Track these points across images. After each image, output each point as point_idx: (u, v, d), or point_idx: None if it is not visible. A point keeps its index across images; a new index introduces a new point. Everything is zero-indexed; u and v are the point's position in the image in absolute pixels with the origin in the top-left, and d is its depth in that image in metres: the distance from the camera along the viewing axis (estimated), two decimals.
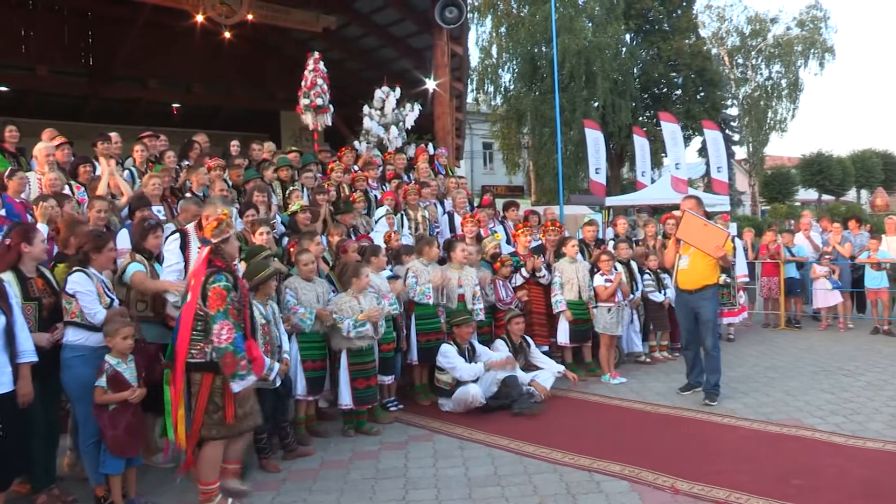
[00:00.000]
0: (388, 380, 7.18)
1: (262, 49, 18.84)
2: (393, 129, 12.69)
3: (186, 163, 9.38)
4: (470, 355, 7.38)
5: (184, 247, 5.30)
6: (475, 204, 11.26)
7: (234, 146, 10.47)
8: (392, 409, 7.25)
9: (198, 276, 4.64)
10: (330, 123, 12.45)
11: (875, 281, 11.09)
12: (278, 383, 5.39)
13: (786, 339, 10.87)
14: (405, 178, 11.18)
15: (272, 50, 18.92)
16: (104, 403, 4.68)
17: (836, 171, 46.05)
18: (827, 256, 11.63)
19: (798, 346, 10.22)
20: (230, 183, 8.66)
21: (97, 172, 7.89)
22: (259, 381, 4.86)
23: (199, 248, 5.15)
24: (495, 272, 8.41)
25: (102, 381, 4.68)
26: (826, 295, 11.56)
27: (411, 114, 13.09)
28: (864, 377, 8.18)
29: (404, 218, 9.49)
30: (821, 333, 11.34)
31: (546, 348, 8.44)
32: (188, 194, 7.86)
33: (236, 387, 4.50)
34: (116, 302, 5.14)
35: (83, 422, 4.86)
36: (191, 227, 5.72)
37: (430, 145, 13.30)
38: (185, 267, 5.30)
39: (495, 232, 9.57)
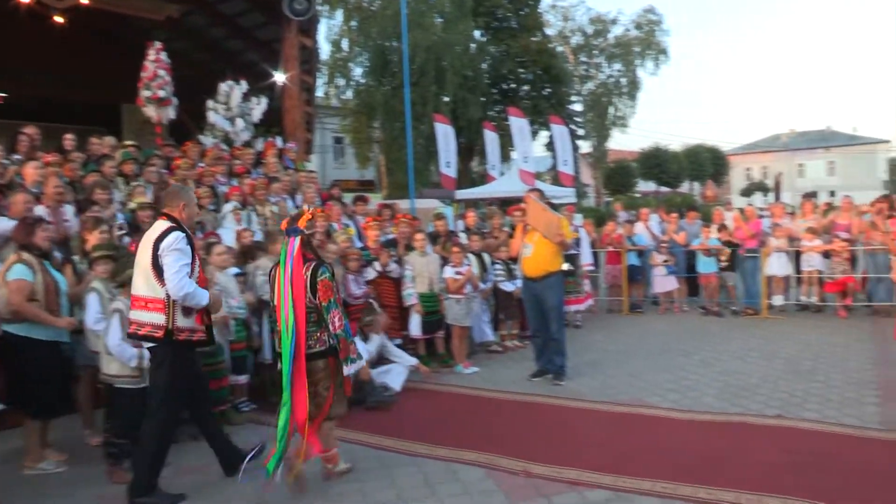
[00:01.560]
0: (240, 379, 6.96)
1: (102, 37, 17.72)
2: (239, 122, 12.32)
3: (17, 156, 8.71)
4: None
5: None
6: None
7: (69, 140, 9.81)
8: (245, 410, 7.02)
9: (297, 268, 4.76)
10: (173, 116, 11.93)
11: (706, 266, 11.89)
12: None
13: (629, 324, 11.43)
14: (254, 173, 10.89)
15: (112, 38, 17.86)
16: None
17: (672, 164, 49.00)
18: (664, 245, 12.31)
19: (640, 330, 10.77)
20: (66, 179, 8.10)
21: None
22: None
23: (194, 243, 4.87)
24: (345, 267, 8.31)
25: None
26: (663, 281, 12.27)
27: (258, 107, 12.76)
28: (697, 356, 8.73)
29: (252, 214, 9.25)
30: (660, 317, 12.01)
31: (399, 341, 8.42)
32: None
33: (348, 370, 4.87)
34: None
35: None
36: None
37: (279, 139, 13.03)
38: (192, 269, 4.76)
39: (347, 226, 9.50)
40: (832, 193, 50.23)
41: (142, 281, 4.75)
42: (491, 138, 19.98)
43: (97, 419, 6.13)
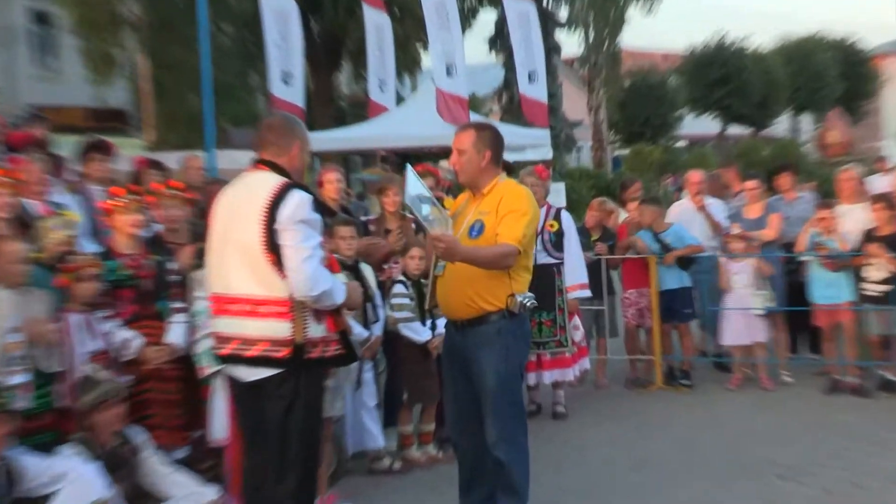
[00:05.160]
0: None
1: None
2: None
3: None
4: None
5: None
6: None
7: None
8: None
9: None
10: None
11: (829, 290, 11.80)
12: None
13: (665, 410, 11.41)
14: None
15: None
16: None
17: (754, 76, 50.26)
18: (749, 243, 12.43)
19: (689, 423, 10.78)
20: None
21: None
22: None
23: None
24: None
25: None
26: (743, 323, 12.34)
27: None
28: (807, 478, 8.75)
29: None
30: (731, 394, 12.09)
31: None
32: None
33: None
34: None
35: None
36: None
37: None
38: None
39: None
40: None
41: (242, 271, 5.64)
42: (375, 22, 19.86)
43: None
